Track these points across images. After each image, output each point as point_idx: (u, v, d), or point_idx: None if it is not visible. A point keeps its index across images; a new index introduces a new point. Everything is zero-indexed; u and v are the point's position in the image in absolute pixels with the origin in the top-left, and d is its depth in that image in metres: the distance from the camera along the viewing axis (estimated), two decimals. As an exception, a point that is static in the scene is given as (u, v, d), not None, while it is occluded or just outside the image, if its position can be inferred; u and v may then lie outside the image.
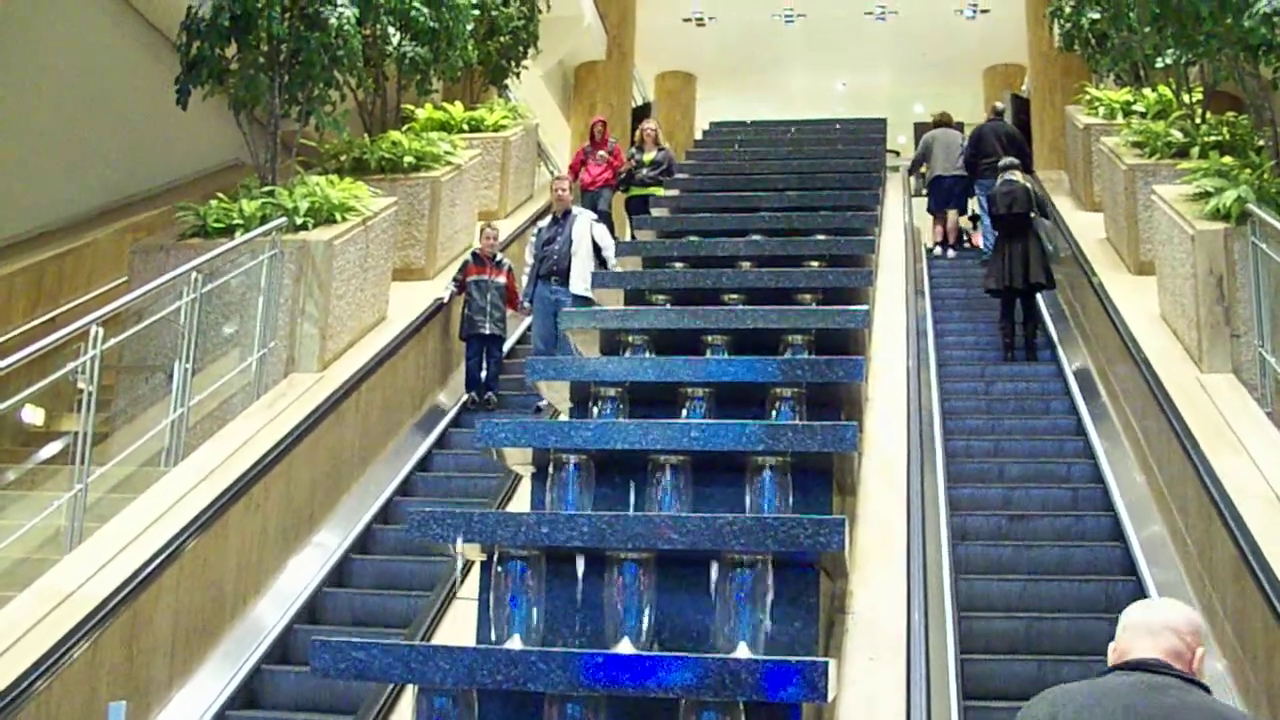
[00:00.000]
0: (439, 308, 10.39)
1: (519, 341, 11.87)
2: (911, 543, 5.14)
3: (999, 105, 15.74)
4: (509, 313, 10.70)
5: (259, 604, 7.11)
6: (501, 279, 10.52)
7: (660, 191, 12.43)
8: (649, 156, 14.16)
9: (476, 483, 8.82)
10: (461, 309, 10.45)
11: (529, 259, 10.67)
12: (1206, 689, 2.90)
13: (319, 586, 7.50)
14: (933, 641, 4.72)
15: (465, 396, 10.39)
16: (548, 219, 10.92)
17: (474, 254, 10.65)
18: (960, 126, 16.18)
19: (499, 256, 10.69)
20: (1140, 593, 6.80)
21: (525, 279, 10.64)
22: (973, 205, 15.43)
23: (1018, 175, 11.24)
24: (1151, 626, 2.99)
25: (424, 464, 9.35)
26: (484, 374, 10.35)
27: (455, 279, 10.56)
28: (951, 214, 15.11)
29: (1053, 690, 2.96)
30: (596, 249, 10.46)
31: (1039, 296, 11.44)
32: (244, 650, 6.79)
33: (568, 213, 10.67)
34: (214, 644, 6.65)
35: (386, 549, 8.11)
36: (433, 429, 9.81)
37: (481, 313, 10.30)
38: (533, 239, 10.83)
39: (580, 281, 10.16)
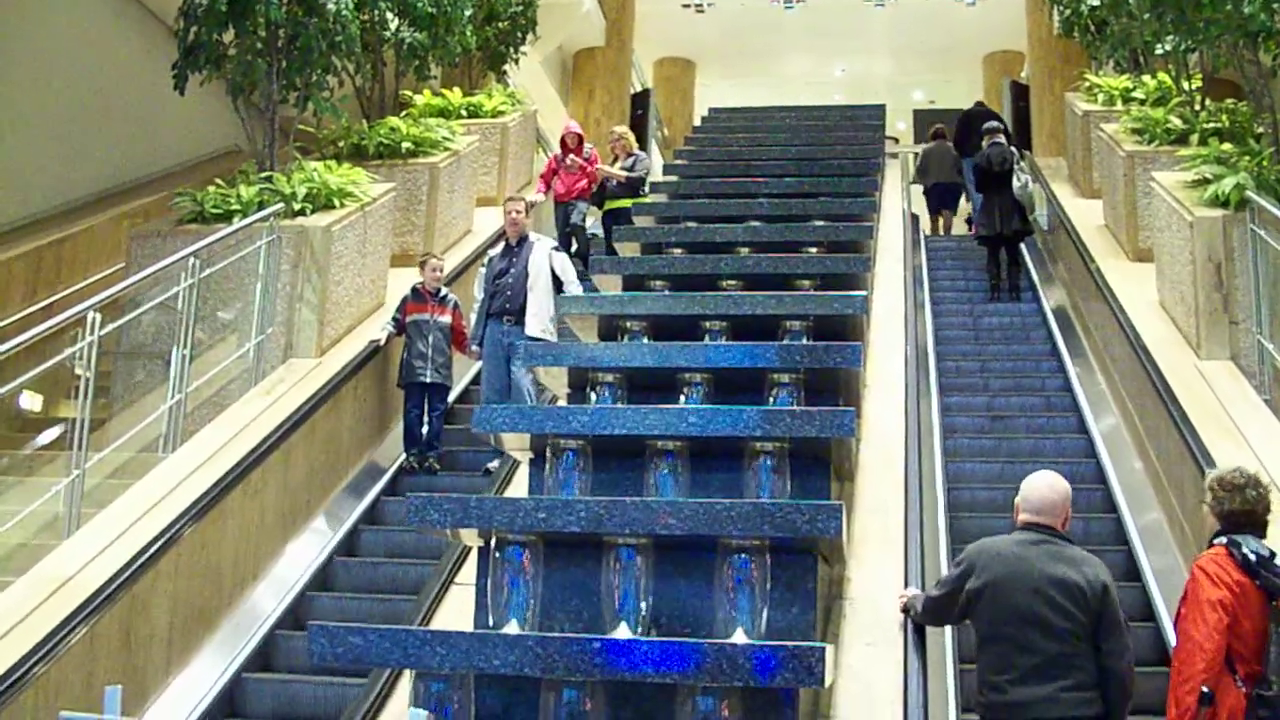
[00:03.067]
0: (374, 350, 8.91)
1: (471, 382, 10.17)
2: (909, 529, 5.15)
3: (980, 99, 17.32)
4: (456, 356, 9.21)
5: (257, 589, 7.11)
6: (446, 318, 9.02)
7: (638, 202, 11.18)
8: (619, 166, 12.72)
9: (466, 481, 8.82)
10: (401, 353, 9.02)
11: (479, 294, 9.22)
12: (1069, 540, 4.56)
13: (316, 572, 7.51)
14: (930, 628, 4.72)
15: (402, 458, 8.92)
16: (499, 246, 9.46)
17: (414, 289, 9.13)
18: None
19: (443, 292, 9.19)
20: (1100, 473, 8.25)
21: (474, 316, 9.18)
22: (966, 210, 17.05)
23: (1001, 139, 12.60)
24: (1030, 503, 4.62)
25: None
26: (425, 429, 8.88)
27: (394, 317, 9.05)
28: (946, 213, 16.72)
29: (980, 542, 4.65)
30: (557, 282, 9.00)
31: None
32: (242, 637, 6.79)
33: (524, 240, 9.17)
34: (212, 630, 6.65)
35: (391, 525, 8.11)
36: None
37: (422, 358, 8.79)
38: (483, 269, 9.35)
39: (536, 322, 8.75)
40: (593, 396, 5.17)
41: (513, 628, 3.65)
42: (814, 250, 7.47)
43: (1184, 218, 8.17)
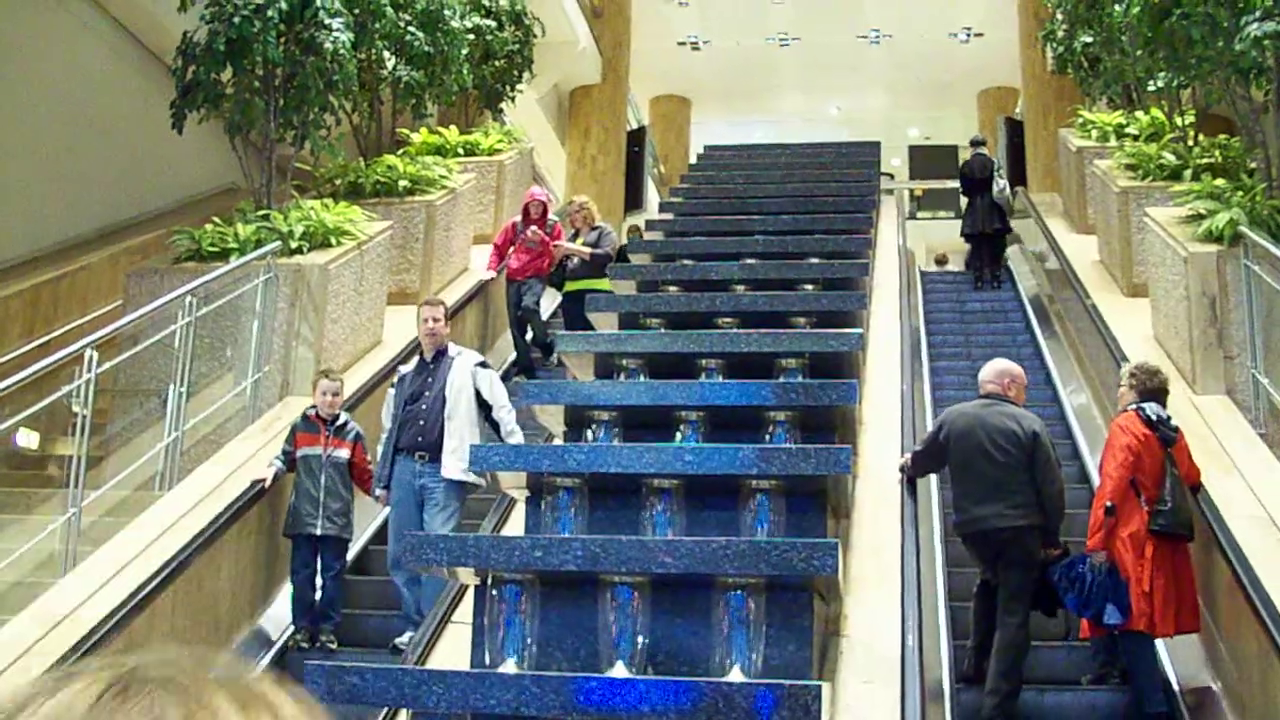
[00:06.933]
0: (258, 493, 7.15)
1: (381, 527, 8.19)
2: (905, 566, 5.15)
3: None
4: (360, 498, 7.48)
5: (254, 628, 7.09)
6: (344, 452, 7.31)
7: (606, 285, 9.37)
8: (582, 240, 11.04)
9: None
10: (289, 495, 7.29)
11: (386, 421, 7.36)
12: (1013, 402, 6.31)
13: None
14: (927, 664, 4.71)
15: (289, 632, 7.15)
16: (412, 362, 7.65)
17: (304, 415, 7.45)
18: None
19: (342, 419, 7.45)
20: (1061, 413, 9.88)
21: (381, 450, 7.33)
22: None
23: (984, 150, 14.68)
24: (984, 378, 6.47)
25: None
26: (318, 594, 7.12)
27: (285, 449, 7.31)
28: None
29: (950, 407, 6.47)
30: (484, 406, 7.21)
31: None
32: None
33: (442, 354, 7.38)
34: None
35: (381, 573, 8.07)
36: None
37: (312, 503, 7.08)
38: (392, 391, 7.49)
39: (455, 460, 6.90)
40: (589, 434, 5.18)
41: (510, 666, 3.65)
42: (810, 287, 7.50)
43: (1178, 253, 8.20)
